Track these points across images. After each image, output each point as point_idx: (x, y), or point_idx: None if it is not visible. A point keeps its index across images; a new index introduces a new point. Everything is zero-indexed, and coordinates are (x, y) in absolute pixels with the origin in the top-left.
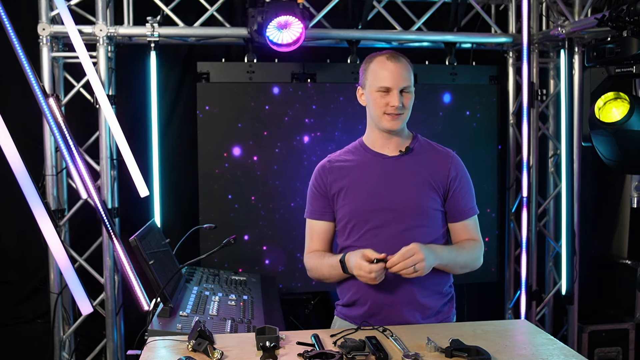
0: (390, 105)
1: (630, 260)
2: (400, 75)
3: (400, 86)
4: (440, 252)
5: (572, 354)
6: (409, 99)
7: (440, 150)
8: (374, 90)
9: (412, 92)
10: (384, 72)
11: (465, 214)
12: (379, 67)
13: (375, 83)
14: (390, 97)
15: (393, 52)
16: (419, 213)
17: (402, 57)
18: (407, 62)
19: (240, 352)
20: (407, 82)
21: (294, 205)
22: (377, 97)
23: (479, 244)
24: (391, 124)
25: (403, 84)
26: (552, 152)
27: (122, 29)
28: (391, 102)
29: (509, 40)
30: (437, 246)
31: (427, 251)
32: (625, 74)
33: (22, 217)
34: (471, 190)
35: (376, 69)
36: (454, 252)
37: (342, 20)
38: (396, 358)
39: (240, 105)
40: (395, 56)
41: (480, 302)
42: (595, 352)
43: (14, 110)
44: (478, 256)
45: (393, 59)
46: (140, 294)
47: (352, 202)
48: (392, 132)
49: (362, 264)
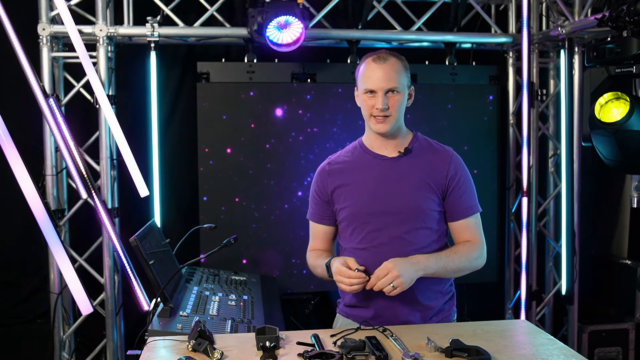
0: (375, 108)
1: (630, 260)
2: (384, 76)
3: (384, 88)
4: (425, 262)
5: (572, 354)
6: (396, 100)
7: (439, 150)
8: (362, 93)
9: (401, 93)
10: (369, 73)
11: (465, 212)
12: (366, 69)
13: (362, 85)
14: (375, 99)
15: (383, 53)
16: (419, 215)
17: (393, 56)
18: (397, 62)
19: (240, 352)
20: (393, 84)
21: (288, 207)
22: (365, 99)
23: (478, 244)
24: (377, 126)
25: (388, 86)
26: (552, 152)
27: (122, 29)
28: (376, 104)
29: (509, 40)
30: (423, 256)
31: (405, 266)
32: (625, 74)
33: (22, 217)
34: (471, 188)
35: (363, 71)
36: (443, 259)
37: (342, 20)
38: (396, 358)
39: (240, 105)
40: (382, 57)
41: (480, 302)
42: (595, 352)
43: (14, 110)
44: (476, 257)
45: (379, 60)
46: (140, 294)
47: (352, 205)
48: (383, 134)
49: (342, 269)
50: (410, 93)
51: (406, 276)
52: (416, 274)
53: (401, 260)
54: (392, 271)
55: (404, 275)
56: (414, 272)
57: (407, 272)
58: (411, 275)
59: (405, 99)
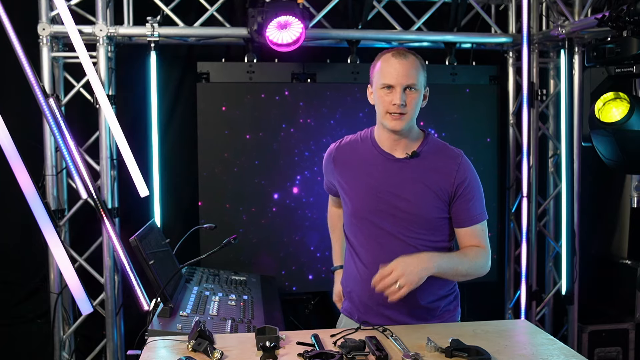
0: (392, 104)
1: (630, 260)
2: (404, 72)
3: (403, 84)
4: (437, 260)
5: (572, 354)
6: (414, 98)
7: (448, 154)
8: (379, 88)
9: (419, 91)
10: (389, 69)
11: (472, 220)
12: (385, 64)
13: (379, 80)
14: (393, 95)
15: (402, 49)
16: (421, 220)
17: (412, 54)
18: (416, 60)
19: (240, 352)
20: (412, 80)
21: (289, 206)
22: (382, 95)
23: (485, 251)
24: (393, 124)
25: (407, 82)
26: (552, 152)
27: (122, 29)
28: (393, 99)
29: (509, 40)
30: (435, 254)
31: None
32: (625, 74)
33: (22, 217)
34: (479, 195)
35: (382, 66)
36: (454, 260)
37: (342, 20)
38: (396, 358)
39: (241, 105)
40: (402, 53)
41: (480, 302)
42: (595, 352)
43: (14, 110)
44: (483, 264)
45: (399, 55)
46: (140, 294)
47: (353, 199)
48: (397, 132)
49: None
50: (425, 94)
51: (412, 274)
52: (426, 272)
53: (408, 259)
54: (396, 270)
55: (410, 274)
56: (423, 270)
57: (414, 270)
58: (419, 274)
59: (421, 98)
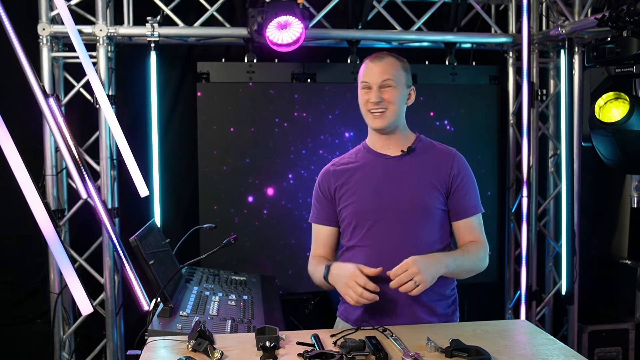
0: (370, 102)
1: (630, 260)
2: (379, 71)
3: (378, 82)
4: (445, 260)
5: (572, 354)
6: (391, 95)
7: (442, 149)
8: (360, 89)
9: (396, 88)
10: (366, 70)
11: (468, 211)
12: (364, 67)
13: (360, 82)
14: (370, 93)
15: (382, 53)
16: (423, 212)
17: (392, 56)
18: (394, 60)
19: (240, 352)
20: (387, 76)
21: (289, 206)
22: (362, 95)
23: (483, 244)
24: (374, 122)
25: (381, 79)
26: (552, 152)
27: (122, 29)
28: (370, 98)
29: (509, 40)
30: (442, 254)
31: (426, 263)
32: (625, 74)
33: (22, 217)
34: (474, 188)
35: (362, 69)
36: (459, 258)
37: (342, 20)
38: (396, 358)
39: (240, 105)
40: (380, 56)
41: (480, 302)
42: (595, 352)
43: (14, 110)
44: (483, 258)
45: (377, 58)
46: (140, 294)
47: (355, 202)
48: (381, 131)
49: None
50: (410, 93)
51: (427, 273)
52: (438, 271)
53: (421, 258)
54: (411, 267)
55: (425, 272)
56: (436, 270)
57: (428, 270)
58: (432, 273)
59: (403, 95)
